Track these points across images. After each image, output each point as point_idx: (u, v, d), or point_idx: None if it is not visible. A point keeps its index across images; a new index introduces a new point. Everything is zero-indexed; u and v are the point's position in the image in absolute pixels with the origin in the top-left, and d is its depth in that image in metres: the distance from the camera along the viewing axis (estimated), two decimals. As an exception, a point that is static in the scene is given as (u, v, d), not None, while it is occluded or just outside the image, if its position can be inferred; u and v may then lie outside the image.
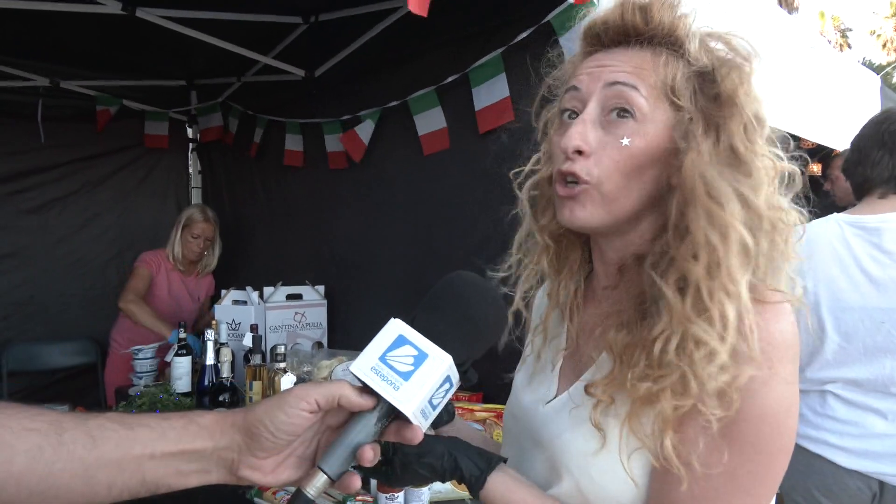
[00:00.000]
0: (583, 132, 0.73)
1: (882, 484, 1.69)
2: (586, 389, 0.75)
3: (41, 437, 0.57)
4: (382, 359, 0.63)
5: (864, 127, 1.87)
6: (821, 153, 3.97)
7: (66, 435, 0.58)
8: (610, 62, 0.75)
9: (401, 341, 0.64)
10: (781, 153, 0.72)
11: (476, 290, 0.71)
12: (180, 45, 3.04)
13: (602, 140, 0.73)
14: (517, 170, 0.91)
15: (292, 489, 0.63)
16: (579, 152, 0.72)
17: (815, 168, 4.93)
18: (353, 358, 1.84)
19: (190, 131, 4.44)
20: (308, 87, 3.34)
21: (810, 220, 0.76)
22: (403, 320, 0.66)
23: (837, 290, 1.75)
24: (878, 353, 1.71)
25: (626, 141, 0.71)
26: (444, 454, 0.75)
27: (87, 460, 0.58)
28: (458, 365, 0.65)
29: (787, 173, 0.72)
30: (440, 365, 0.63)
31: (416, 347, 0.64)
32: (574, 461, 0.75)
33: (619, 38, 0.76)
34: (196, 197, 4.44)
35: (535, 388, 0.90)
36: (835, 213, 1.85)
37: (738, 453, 0.65)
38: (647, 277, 0.72)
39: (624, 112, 0.72)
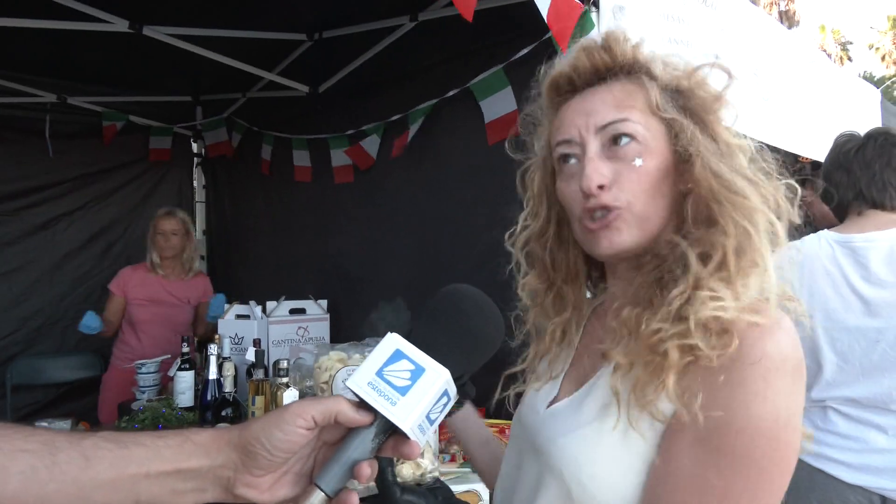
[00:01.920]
0: (597, 168, 0.76)
1: (884, 499, 1.69)
2: (604, 355, 0.76)
3: (35, 458, 0.57)
4: (379, 374, 0.63)
5: (826, 155, 1.92)
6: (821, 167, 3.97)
7: (61, 455, 0.58)
8: (591, 106, 0.79)
9: (398, 356, 0.64)
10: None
11: (473, 303, 0.71)
12: (186, 61, 3.08)
13: (615, 169, 0.76)
14: (511, 230, 0.94)
15: None
16: (601, 187, 0.75)
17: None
18: (350, 353, 1.84)
19: (195, 146, 4.48)
20: (312, 103, 3.37)
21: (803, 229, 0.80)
22: (400, 334, 0.65)
23: (831, 310, 1.76)
24: (876, 371, 1.71)
25: (638, 162, 0.75)
26: None
27: (81, 481, 0.57)
28: (455, 379, 0.65)
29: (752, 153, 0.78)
30: (437, 379, 0.63)
31: (412, 362, 0.63)
32: (567, 467, 0.75)
33: (591, 80, 0.81)
34: (200, 211, 4.47)
35: (540, 395, 0.90)
36: (825, 230, 1.86)
37: (729, 467, 0.63)
38: (664, 254, 0.75)
39: (624, 137, 0.76)
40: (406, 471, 1.30)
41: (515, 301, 0.94)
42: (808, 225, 3.18)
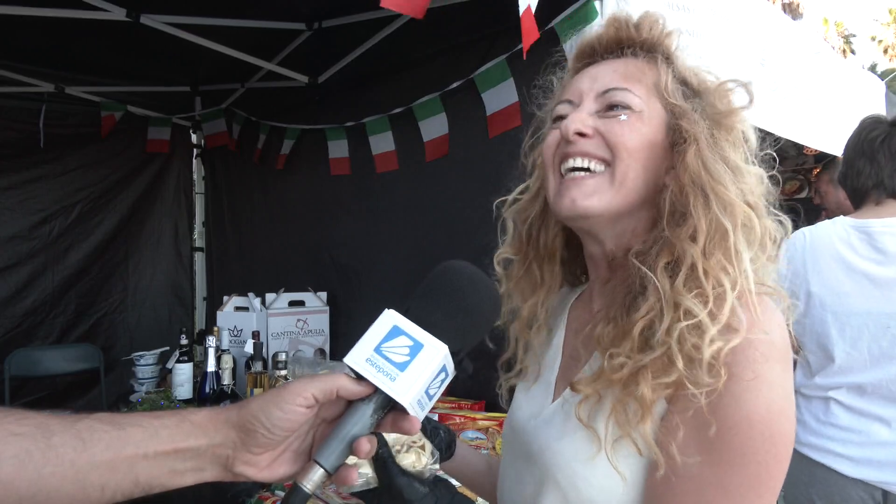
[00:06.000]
0: (582, 118, 0.77)
1: (885, 493, 1.67)
2: (572, 386, 0.75)
3: (29, 442, 0.56)
4: (378, 350, 0.63)
5: (849, 138, 1.88)
6: (825, 160, 3.95)
7: (55, 438, 0.57)
8: (600, 73, 0.80)
9: (396, 332, 0.64)
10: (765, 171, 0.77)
11: (470, 279, 0.70)
12: (184, 51, 3.05)
13: (601, 124, 0.76)
14: (501, 199, 0.95)
15: None
16: (581, 134, 0.76)
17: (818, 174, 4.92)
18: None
19: (194, 137, 4.45)
20: (311, 94, 3.34)
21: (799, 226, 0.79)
22: (397, 311, 0.65)
23: (842, 294, 1.75)
24: (884, 358, 1.70)
25: (624, 117, 0.75)
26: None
27: (77, 463, 0.57)
28: (453, 355, 0.65)
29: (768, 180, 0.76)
30: (436, 354, 0.63)
31: (411, 338, 0.63)
32: (562, 472, 0.74)
33: (612, 48, 0.82)
34: (200, 202, 4.45)
35: (530, 399, 0.89)
36: (840, 217, 1.85)
37: (726, 463, 0.62)
38: (632, 266, 0.73)
39: (620, 106, 0.76)
40: (405, 462, 1.28)
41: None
42: (821, 213, 3.17)
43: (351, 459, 0.63)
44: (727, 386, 0.62)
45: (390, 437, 0.81)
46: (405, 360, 0.62)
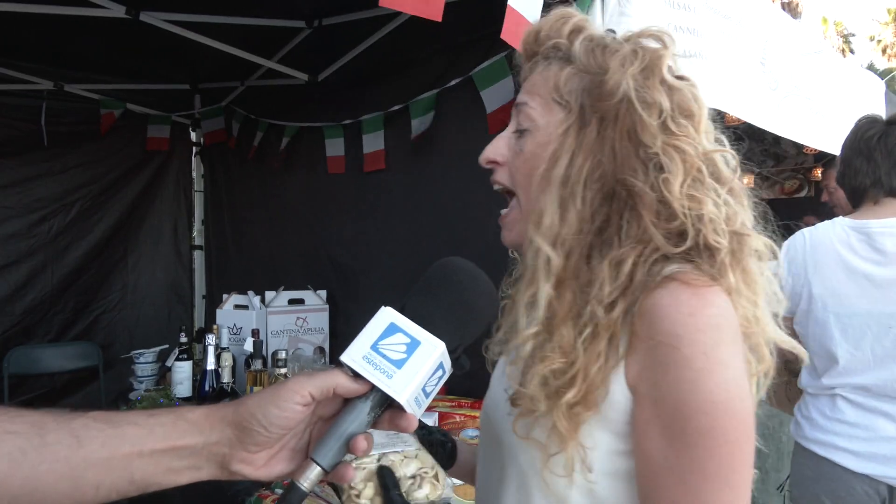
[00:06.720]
0: (496, 143, 0.81)
1: (891, 489, 1.68)
2: (511, 401, 0.74)
3: (23, 440, 0.56)
4: (374, 347, 0.63)
5: (846, 138, 1.89)
6: (825, 159, 3.95)
7: (50, 436, 0.57)
8: (523, 86, 0.82)
9: (392, 329, 0.64)
10: (712, 141, 0.73)
11: (467, 276, 0.71)
12: (184, 48, 3.04)
13: (512, 152, 0.80)
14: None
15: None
16: (493, 162, 0.81)
17: (818, 173, 4.92)
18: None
19: (194, 135, 4.44)
20: (311, 92, 3.33)
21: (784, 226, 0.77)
22: (394, 308, 0.65)
23: (843, 296, 1.75)
24: (888, 358, 1.70)
25: (520, 147, 0.79)
26: None
27: (72, 461, 0.57)
28: (450, 352, 0.65)
29: (717, 159, 0.72)
30: (433, 351, 0.63)
31: (408, 335, 0.63)
32: (528, 461, 0.74)
33: (529, 60, 0.84)
34: (199, 200, 4.44)
35: (497, 381, 0.89)
36: (839, 217, 1.85)
37: (700, 448, 0.62)
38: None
39: (520, 130, 0.79)
40: (420, 494, 1.24)
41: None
42: (831, 212, 3.17)
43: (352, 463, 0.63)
44: (682, 375, 0.62)
45: (408, 469, 0.82)
46: (402, 357, 0.62)
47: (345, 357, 0.63)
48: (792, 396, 2.03)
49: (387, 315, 0.65)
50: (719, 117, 0.79)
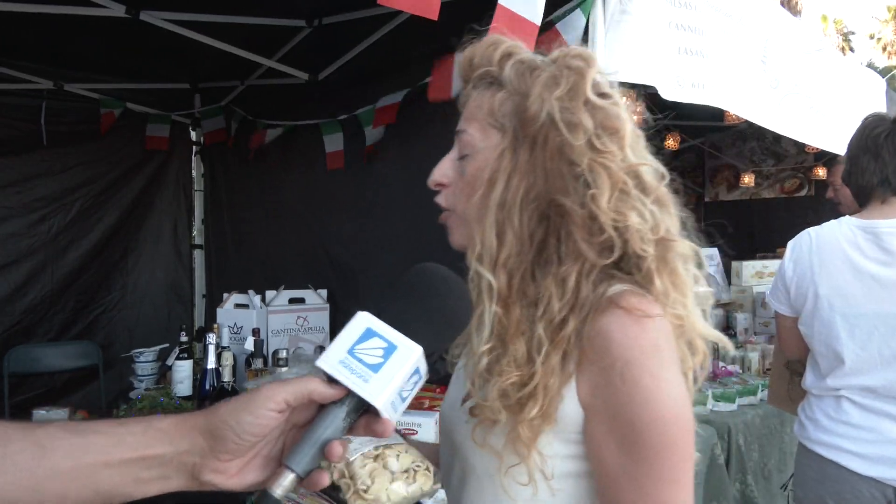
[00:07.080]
0: (443, 166, 0.84)
1: None
2: (471, 412, 0.75)
3: None
4: (351, 352, 0.62)
5: (852, 136, 1.87)
6: (825, 157, 3.95)
7: (12, 446, 0.56)
8: (462, 113, 0.84)
9: (369, 334, 0.63)
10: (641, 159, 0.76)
11: (443, 281, 0.71)
12: (184, 48, 3.04)
13: (456, 174, 0.83)
14: None
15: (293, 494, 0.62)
16: (439, 184, 0.84)
17: (821, 172, 4.92)
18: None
19: (194, 135, 4.44)
20: (312, 91, 3.33)
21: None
22: (371, 312, 0.65)
23: (850, 296, 1.74)
24: (894, 360, 1.69)
25: (462, 170, 0.81)
26: None
27: (35, 472, 0.55)
28: (427, 356, 0.65)
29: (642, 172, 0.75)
30: (410, 355, 0.62)
31: (384, 339, 0.63)
32: (482, 465, 0.76)
33: (465, 86, 0.85)
34: (199, 199, 4.44)
35: (455, 384, 0.90)
36: (846, 216, 1.84)
37: (654, 457, 0.68)
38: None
39: (461, 155, 0.82)
40: (413, 486, 1.22)
41: None
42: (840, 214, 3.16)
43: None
44: (634, 394, 0.68)
45: (404, 463, 0.81)
46: (378, 361, 0.61)
47: (320, 362, 0.62)
48: (794, 396, 2.02)
49: (363, 319, 0.64)
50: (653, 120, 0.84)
